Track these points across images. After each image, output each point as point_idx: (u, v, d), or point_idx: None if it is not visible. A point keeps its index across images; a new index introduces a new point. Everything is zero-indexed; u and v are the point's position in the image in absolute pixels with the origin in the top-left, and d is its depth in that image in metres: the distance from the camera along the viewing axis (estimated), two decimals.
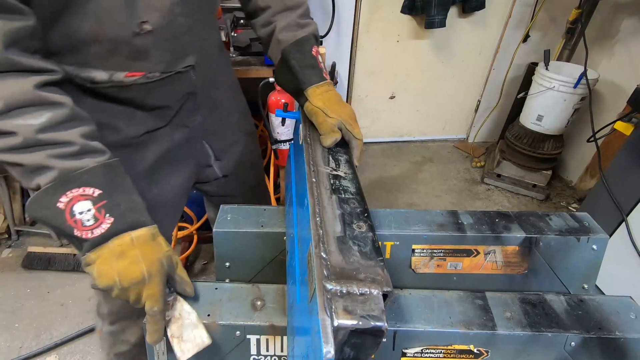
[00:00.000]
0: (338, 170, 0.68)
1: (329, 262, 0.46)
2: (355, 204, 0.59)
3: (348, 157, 0.74)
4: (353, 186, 0.64)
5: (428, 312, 0.62)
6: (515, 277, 0.81)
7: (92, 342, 1.63)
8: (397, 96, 2.91)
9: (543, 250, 0.78)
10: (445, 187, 2.66)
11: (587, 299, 0.67)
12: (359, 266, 0.47)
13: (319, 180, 0.64)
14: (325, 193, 0.61)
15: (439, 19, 2.38)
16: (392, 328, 0.59)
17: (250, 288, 0.66)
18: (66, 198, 0.54)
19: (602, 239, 0.77)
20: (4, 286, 1.85)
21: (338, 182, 0.64)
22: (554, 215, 0.83)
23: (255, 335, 0.61)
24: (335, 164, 0.71)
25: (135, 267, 0.55)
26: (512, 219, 0.80)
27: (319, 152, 0.74)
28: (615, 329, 0.60)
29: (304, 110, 0.83)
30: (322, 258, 0.47)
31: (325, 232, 0.51)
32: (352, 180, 0.66)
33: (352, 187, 0.63)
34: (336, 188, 0.63)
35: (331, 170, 0.68)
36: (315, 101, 0.79)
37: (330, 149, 0.75)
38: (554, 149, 2.38)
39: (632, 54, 2.20)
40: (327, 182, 0.64)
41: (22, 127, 0.53)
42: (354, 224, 0.54)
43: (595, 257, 0.78)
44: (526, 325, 0.61)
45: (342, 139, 0.77)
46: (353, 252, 0.49)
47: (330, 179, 0.65)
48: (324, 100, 0.79)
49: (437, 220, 0.81)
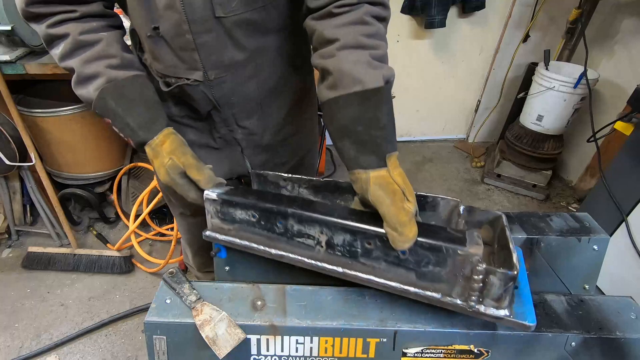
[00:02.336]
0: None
1: None
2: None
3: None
4: None
5: (428, 312, 0.61)
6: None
7: (92, 342, 1.63)
8: (397, 96, 2.90)
9: (544, 251, 0.78)
10: (445, 187, 2.66)
11: (588, 299, 0.67)
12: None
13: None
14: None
15: (439, 19, 2.38)
16: (392, 328, 0.59)
17: (251, 288, 0.67)
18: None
19: (603, 239, 0.77)
20: (4, 286, 1.85)
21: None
22: (555, 215, 0.83)
23: (256, 335, 0.61)
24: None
25: (162, 170, 0.70)
26: (513, 219, 0.80)
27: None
28: (616, 329, 0.60)
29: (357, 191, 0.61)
30: None
31: None
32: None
33: None
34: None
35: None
36: (395, 175, 0.58)
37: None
38: (554, 149, 2.38)
39: (632, 54, 2.20)
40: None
41: (55, 56, 0.71)
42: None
43: (596, 258, 0.78)
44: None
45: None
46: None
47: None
48: (402, 176, 0.60)
49: None
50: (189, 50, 0.72)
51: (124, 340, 1.64)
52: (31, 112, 1.75)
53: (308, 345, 0.61)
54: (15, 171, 1.85)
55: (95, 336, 1.65)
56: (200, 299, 0.63)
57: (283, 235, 0.64)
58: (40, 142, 1.87)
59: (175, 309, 0.63)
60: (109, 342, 1.63)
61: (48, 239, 2.04)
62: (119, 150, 2.07)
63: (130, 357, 1.58)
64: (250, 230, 0.66)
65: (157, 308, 0.63)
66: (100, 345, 1.62)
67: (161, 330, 0.61)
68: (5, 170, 1.77)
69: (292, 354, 0.61)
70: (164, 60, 0.76)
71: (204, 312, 0.61)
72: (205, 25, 0.69)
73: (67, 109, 1.78)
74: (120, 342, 1.63)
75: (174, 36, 0.71)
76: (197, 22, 0.69)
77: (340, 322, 0.60)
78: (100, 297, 1.82)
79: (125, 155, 2.11)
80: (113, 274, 1.92)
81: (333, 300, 0.64)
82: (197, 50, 0.72)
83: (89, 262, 1.93)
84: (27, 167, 1.80)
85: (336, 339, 0.60)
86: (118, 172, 2.08)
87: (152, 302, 0.64)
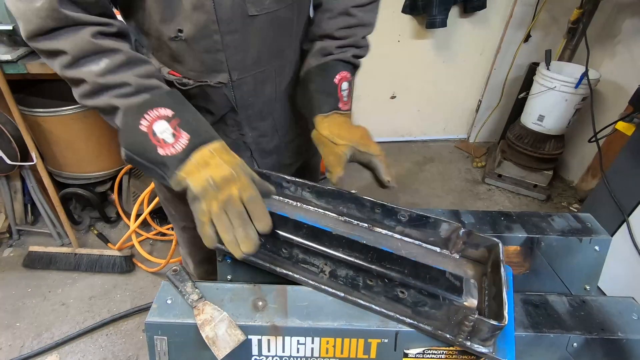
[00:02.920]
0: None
1: None
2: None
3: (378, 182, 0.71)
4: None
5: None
6: (516, 277, 0.81)
7: (92, 341, 1.63)
8: (398, 96, 2.91)
9: (545, 251, 0.77)
10: (447, 187, 2.65)
11: (590, 300, 0.66)
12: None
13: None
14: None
15: (440, 19, 2.38)
16: (394, 329, 0.59)
17: (252, 288, 0.66)
18: (146, 121, 0.60)
19: (604, 240, 0.77)
20: (5, 285, 1.85)
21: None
22: (557, 215, 0.82)
23: (257, 336, 0.60)
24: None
25: (222, 167, 0.60)
26: (514, 219, 0.80)
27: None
28: (618, 330, 0.60)
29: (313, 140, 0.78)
30: None
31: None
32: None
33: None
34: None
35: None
36: (321, 129, 0.74)
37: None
38: (555, 149, 2.37)
39: (634, 54, 2.19)
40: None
41: (87, 74, 0.60)
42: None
43: (598, 258, 0.77)
44: (528, 326, 0.60)
45: (365, 164, 0.73)
46: None
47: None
48: (330, 127, 0.74)
49: None
50: (214, 52, 0.71)
51: (124, 339, 1.64)
52: (32, 112, 1.76)
53: (309, 346, 0.61)
54: (17, 170, 1.85)
55: (96, 335, 1.65)
56: (202, 298, 0.63)
57: (288, 260, 0.66)
58: (41, 142, 1.87)
59: (176, 309, 0.62)
60: (110, 342, 1.63)
61: (49, 238, 2.04)
62: (120, 150, 2.07)
63: (131, 356, 1.58)
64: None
65: (158, 308, 0.62)
66: (101, 344, 1.62)
67: (162, 331, 0.61)
68: (7, 170, 1.78)
69: (293, 355, 0.61)
70: (186, 63, 0.74)
71: (205, 311, 0.61)
72: (234, 24, 0.69)
73: (69, 108, 1.78)
74: (121, 342, 1.63)
75: (199, 38, 0.69)
76: (227, 22, 0.68)
77: (341, 323, 0.60)
78: (101, 297, 1.82)
79: None
80: (114, 274, 1.93)
81: (334, 300, 0.64)
82: (224, 51, 0.71)
83: (89, 261, 1.93)
84: (29, 166, 1.80)
85: (337, 339, 0.60)
86: (119, 171, 2.08)
87: (154, 303, 0.63)
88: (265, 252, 0.67)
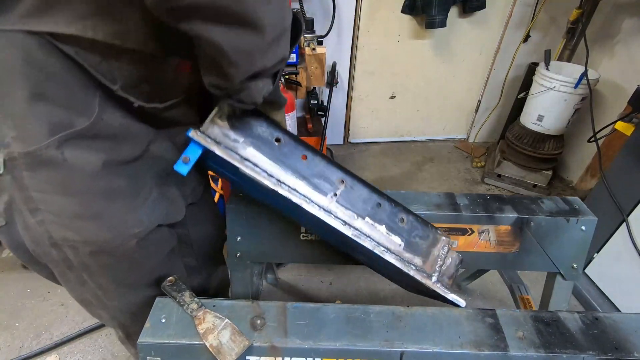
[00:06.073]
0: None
1: None
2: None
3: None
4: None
5: (436, 331, 0.59)
6: (507, 256, 0.82)
7: (92, 341, 1.63)
8: (398, 96, 2.91)
9: (534, 230, 0.79)
10: (446, 187, 2.65)
11: (603, 317, 0.63)
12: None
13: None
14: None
15: (439, 19, 2.38)
16: (399, 349, 0.57)
17: (250, 305, 0.64)
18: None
19: (590, 220, 0.79)
20: (4, 286, 1.85)
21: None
22: (546, 198, 0.84)
23: (255, 357, 0.58)
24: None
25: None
26: (505, 201, 0.82)
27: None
28: (634, 349, 0.57)
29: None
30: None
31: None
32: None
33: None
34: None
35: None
36: None
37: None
38: (554, 149, 2.37)
39: (633, 54, 2.19)
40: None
41: (258, 90, 0.60)
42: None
43: (584, 238, 0.80)
44: (539, 346, 0.58)
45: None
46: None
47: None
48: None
49: (435, 201, 0.83)
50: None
51: None
52: None
53: None
54: None
55: (95, 336, 1.65)
56: (202, 307, 0.62)
57: (300, 172, 0.59)
58: None
59: (170, 328, 0.60)
60: (109, 342, 1.63)
61: None
62: None
63: (131, 356, 1.58)
64: (266, 152, 0.57)
65: (151, 328, 0.60)
66: (100, 345, 1.62)
67: (155, 352, 0.58)
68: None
69: None
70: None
71: (207, 320, 0.59)
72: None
73: None
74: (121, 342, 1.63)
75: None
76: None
77: (344, 343, 0.58)
78: None
79: None
80: None
81: (336, 318, 0.62)
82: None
83: None
84: None
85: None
86: None
87: (147, 322, 0.61)
88: (276, 159, 0.59)
